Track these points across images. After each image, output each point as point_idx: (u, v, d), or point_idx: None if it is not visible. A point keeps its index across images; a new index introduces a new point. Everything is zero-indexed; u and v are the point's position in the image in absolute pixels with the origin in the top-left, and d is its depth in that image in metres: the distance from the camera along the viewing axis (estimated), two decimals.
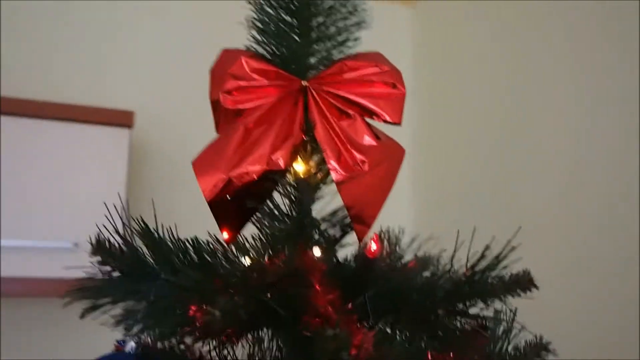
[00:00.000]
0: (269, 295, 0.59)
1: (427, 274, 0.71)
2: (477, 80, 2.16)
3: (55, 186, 1.62)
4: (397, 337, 0.66)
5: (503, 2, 2.04)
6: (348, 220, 0.78)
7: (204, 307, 0.53)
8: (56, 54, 2.00)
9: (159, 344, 0.62)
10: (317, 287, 0.59)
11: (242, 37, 0.83)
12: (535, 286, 0.70)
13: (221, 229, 0.69)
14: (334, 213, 0.77)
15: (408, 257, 0.79)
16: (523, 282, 0.70)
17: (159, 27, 2.17)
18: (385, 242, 0.77)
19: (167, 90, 2.13)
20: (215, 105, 0.76)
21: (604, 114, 1.60)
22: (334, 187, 0.77)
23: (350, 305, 0.62)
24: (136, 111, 1.85)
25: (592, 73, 1.65)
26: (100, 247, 0.62)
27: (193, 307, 0.55)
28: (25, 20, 1.98)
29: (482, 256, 0.69)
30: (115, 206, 0.64)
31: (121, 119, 1.75)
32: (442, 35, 2.41)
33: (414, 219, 2.33)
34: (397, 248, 0.81)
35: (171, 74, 2.14)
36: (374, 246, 0.69)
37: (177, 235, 0.64)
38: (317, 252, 0.67)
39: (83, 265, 0.66)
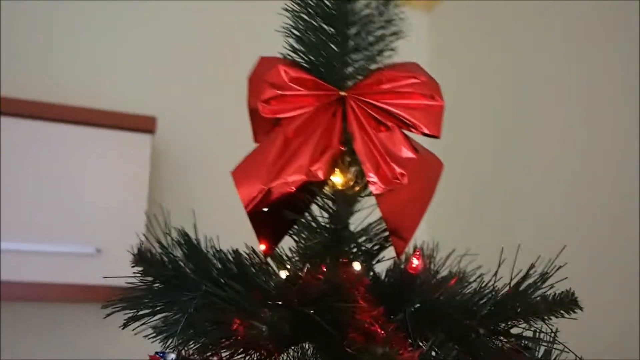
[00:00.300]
0: (312, 309, 0.57)
1: (468, 291, 0.69)
2: (491, 86, 2.16)
3: (77, 191, 1.61)
4: (439, 355, 0.64)
5: (519, 7, 2.04)
6: (385, 234, 0.76)
7: (250, 321, 0.51)
8: (80, 58, 2.01)
9: (198, 357, 0.61)
10: (361, 302, 0.58)
11: (264, 45, 0.82)
12: (580, 307, 0.69)
13: (259, 241, 0.68)
14: (371, 226, 0.76)
15: (444, 272, 0.78)
16: (567, 303, 0.68)
17: (178, 31, 2.17)
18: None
19: (188, 96, 2.13)
20: (253, 113, 0.75)
21: (619, 121, 1.59)
22: (370, 199, 0.76)
23: (394, 323, 0.60)
24: (157, 116, 1.84)
25: (609, 81, 1.65)
26: (142, 257, 0.60)
27: (236, 320, 0.53)
28: (43, 21, 1.98)
29: (527, 275, 0.67)
30: (155, 216, 0.63)
31: (143, 125, 1.74)
32: (458, 41, 2.41)
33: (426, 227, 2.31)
34: (433, 264, 0.79)
35: (193, 79, 2.14)
36: (415, 262, 0.68)
37: (219, 246, 0.63)
38: (357, 266, 0.66)
39: (105, 271, 0.65)
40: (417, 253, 0.69)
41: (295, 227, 0.73)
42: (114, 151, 1.69)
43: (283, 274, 0.68)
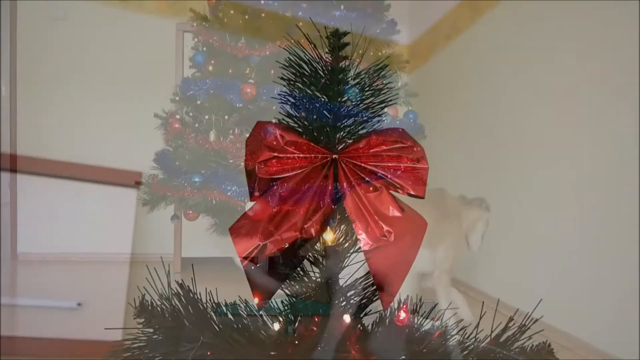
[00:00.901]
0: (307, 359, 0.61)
1: (451, 342, 0.73)
2: (467, 145, 2.26)
3: (62, 245, 1.62)
4: None
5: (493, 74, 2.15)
6: (373, 288, 0.80)
7: None
8: (72, 118, 2.05)
9: None
10: (353, 352, 0.61)
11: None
12: (556, 358, 0.73)
13: (254, 294, 0.72)
14: (359, 281, 0.80)
15: (427, 325, 0.82)
16: (543, 354, 0.72)
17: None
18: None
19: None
20: (250, 174, 0.79)
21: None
22: (358, 256, 0.80)
23: None
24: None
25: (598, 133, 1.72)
26: (143, 309, 0.64)
27: None
28: (47, 83, 2.03)
29: (506, 327, 0.72)
30: (155, 270, 0.66)
31: (130, 179, 1.77)
32: (436, 100, 2.52)
33: None
34: (417, 316, 0.83)
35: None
36: (403, 315, 0.72)
37: (217, 299, 0.66)
38: (347, 318, 0.70)
39: (86, 325, 0.67)
40: (404, 306, 0.73)
41: (288, 281, 0.77)
42: (99, 205, 1.71)
43: (276, 326, 0.71)
